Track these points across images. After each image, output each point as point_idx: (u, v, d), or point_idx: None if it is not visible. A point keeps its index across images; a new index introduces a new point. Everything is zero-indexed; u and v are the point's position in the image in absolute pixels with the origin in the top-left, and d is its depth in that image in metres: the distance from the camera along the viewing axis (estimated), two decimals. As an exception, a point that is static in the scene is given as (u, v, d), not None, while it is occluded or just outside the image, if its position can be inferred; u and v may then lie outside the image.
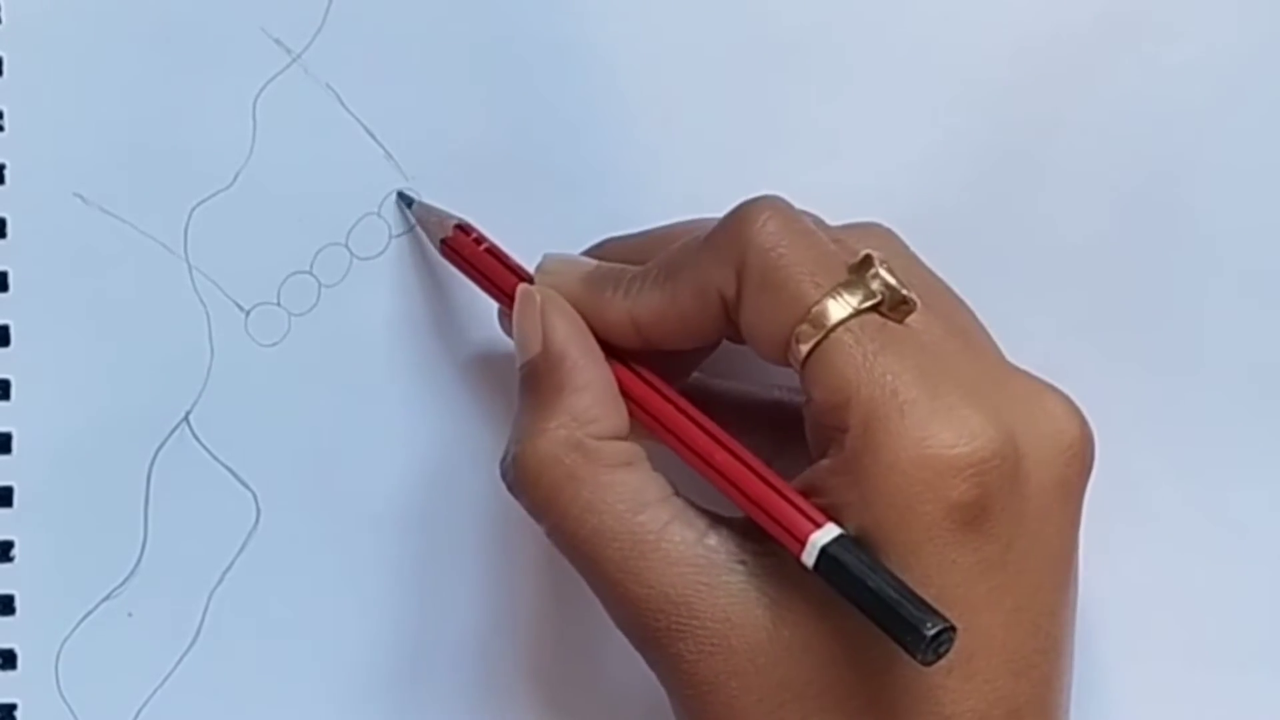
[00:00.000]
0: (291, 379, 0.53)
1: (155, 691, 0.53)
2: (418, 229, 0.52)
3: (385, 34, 0.53)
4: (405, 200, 0.52)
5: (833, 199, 0.52)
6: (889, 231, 0.49)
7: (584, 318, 0.48)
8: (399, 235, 0.53)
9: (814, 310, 0.45)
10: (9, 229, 0.52)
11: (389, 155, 0.53)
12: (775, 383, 0.51)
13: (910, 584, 0.43)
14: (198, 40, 0.53)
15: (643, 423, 0.47)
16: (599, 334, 0.48)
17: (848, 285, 0.45)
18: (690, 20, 0.53)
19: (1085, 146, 0.54)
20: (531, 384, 0.48)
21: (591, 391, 0.47)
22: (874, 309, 0.45)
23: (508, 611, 0.53)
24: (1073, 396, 0.46)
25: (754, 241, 0.46)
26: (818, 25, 0.53)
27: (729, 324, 0.47)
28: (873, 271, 0.45)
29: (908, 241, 0.49)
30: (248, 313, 0.53)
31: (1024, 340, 0.50)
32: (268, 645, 0.53)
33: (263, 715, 0.53)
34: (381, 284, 0.53)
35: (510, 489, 0.47)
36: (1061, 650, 0.46)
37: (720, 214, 0.47)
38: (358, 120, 0.53)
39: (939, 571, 0.44)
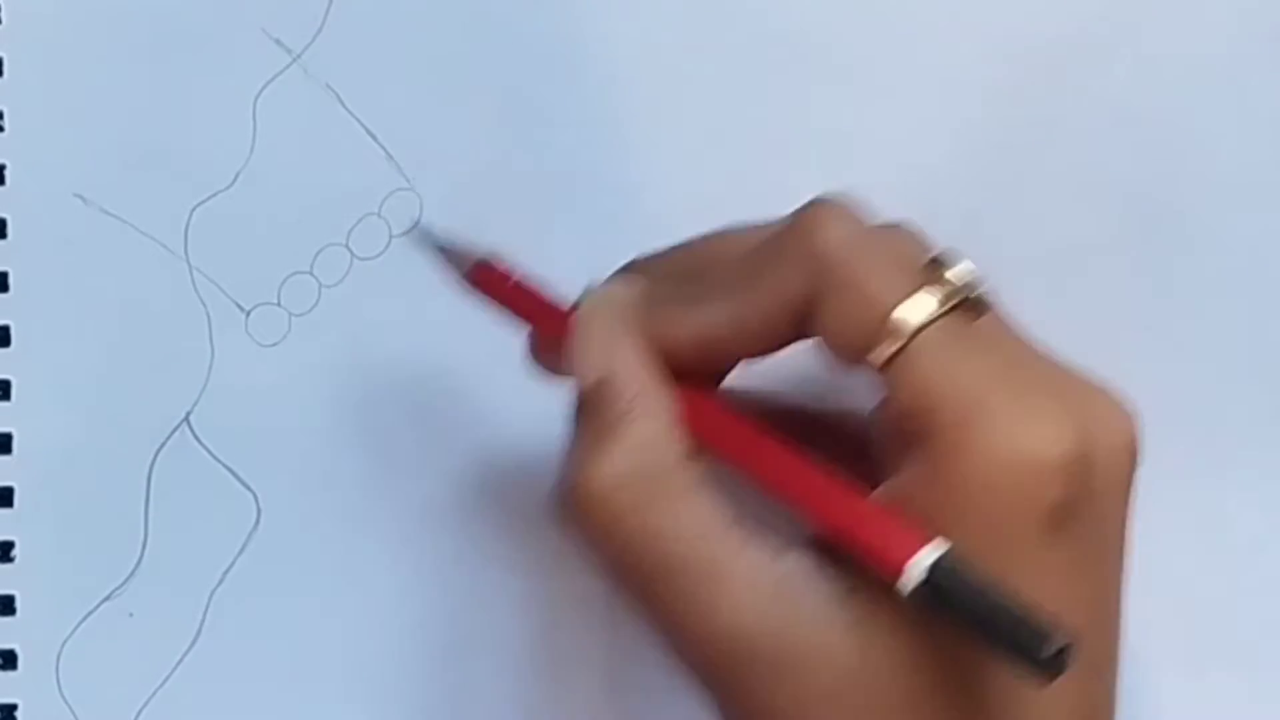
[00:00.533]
0: (292, 379, 0.53)
1: (156, 692, 0.53)
2: (443, 262, 0.50)
3: (385, 34, 0.53)
4: (425, 233, 0.51)
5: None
6: (919, 233, 0.48)
7: (645, 340, 0.46)
8: (399, 235, 0.53)
9: (895, 314, 0.44)
10: (9, 229, 0.52)
11: (389, 155, 0.53)
12: (785, 390, 0.51)
13: (1016, 594, 0.41)
14: (198, 40, 0.53)
15: (711, 447, 0.45)
16: (663, 356, 0.46)
17: (930, 286, 0.44)
18: (691, 21, 0.53)
19: (1085, 147, 0.54)
20: (591, 410, 0.46)
21: (657, 418, 0.45)
22: (955, 309, 0.44)
23: (508, 611, 0.54)
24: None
25: (830, 242, 0.44)
26: (819, 27, 0.53)
27: (798, 331, 0.45)
28: (947, 270, 0.44)
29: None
30: (248, 313, 0.53)
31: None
32: (268, 645, 0.53)
33: (263, 716, 0.53)
34: (382, 284, 0.53)
35: (564, 520, 0.45)
36: (1119, 650, 0.46)
37: (718, 216, 0.47)
38: (358, 120, 0.53)
39: (1034, 575, 0.43)
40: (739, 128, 0.53)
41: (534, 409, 0.52)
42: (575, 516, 0.45)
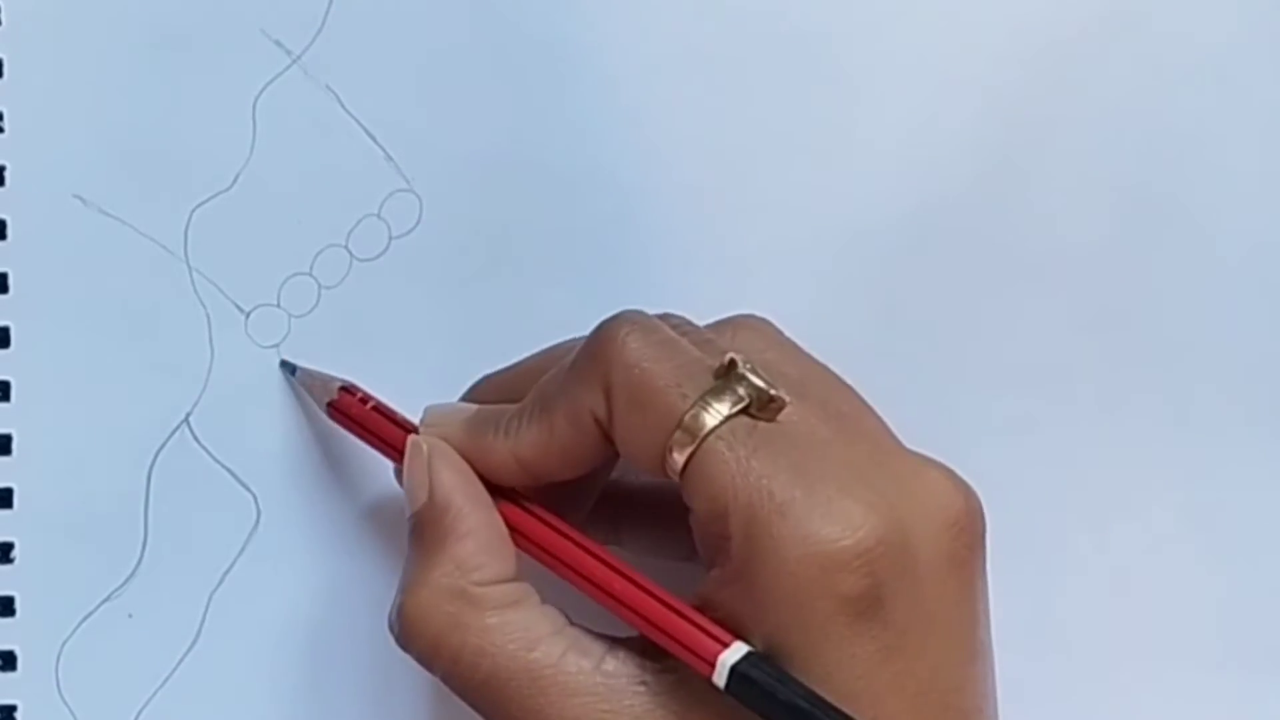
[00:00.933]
0: (292, 380, 0.53)
1: (155, 693, 0.53)
2: (302, 394, 0.52)
3: (385, 35, 0.53)
4: (288, 368, 0.52)
5: (833, 203, 0.53)
6: (762, 321, 0.49)
7: (471, 463, 0.48)
8: (399, 237, 0.53)
9: (685, 421, 0.45)
10: (9, 231, 0.52)
11: (389, 157, 0.53)
12: None
13: (813, 684, 0.43)
14: (197, 42, 0.53)
15: (536, 558, 0.47)
16: (487, 477, 0.48)
17: (715, 392, 0.45)
18: (690, 22, 0.53)
19: (1085, 147, 0.54)
20: (418, 534, 0.48)
21: (475, 538, 0.47)
22: (744, 412, 0.45)
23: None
24: (1070, 411, 0.46)
25: (617, 359, 0.46)
26: (819, 28, 0.53)
27: (609, 447, 0.47)
28: (738, 373, 0.45)
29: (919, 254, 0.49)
30: (248, 314, 0.53)
31: (1024, 341, 0.50)
32: (268, 647, 0.53)
33: (262, 717, 0.53)
34: (381, 286, 0.53)
35: (397, 640, 0.47)
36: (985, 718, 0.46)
37: (718, 216, 0.47)
38: (357, 122, 0.53)
39: (839, 667, 0.43)
40: (739, 128, 0.53)
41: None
42: (403, 638, 0.47)
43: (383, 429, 0.50)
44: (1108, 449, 0.47)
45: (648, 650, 0.46)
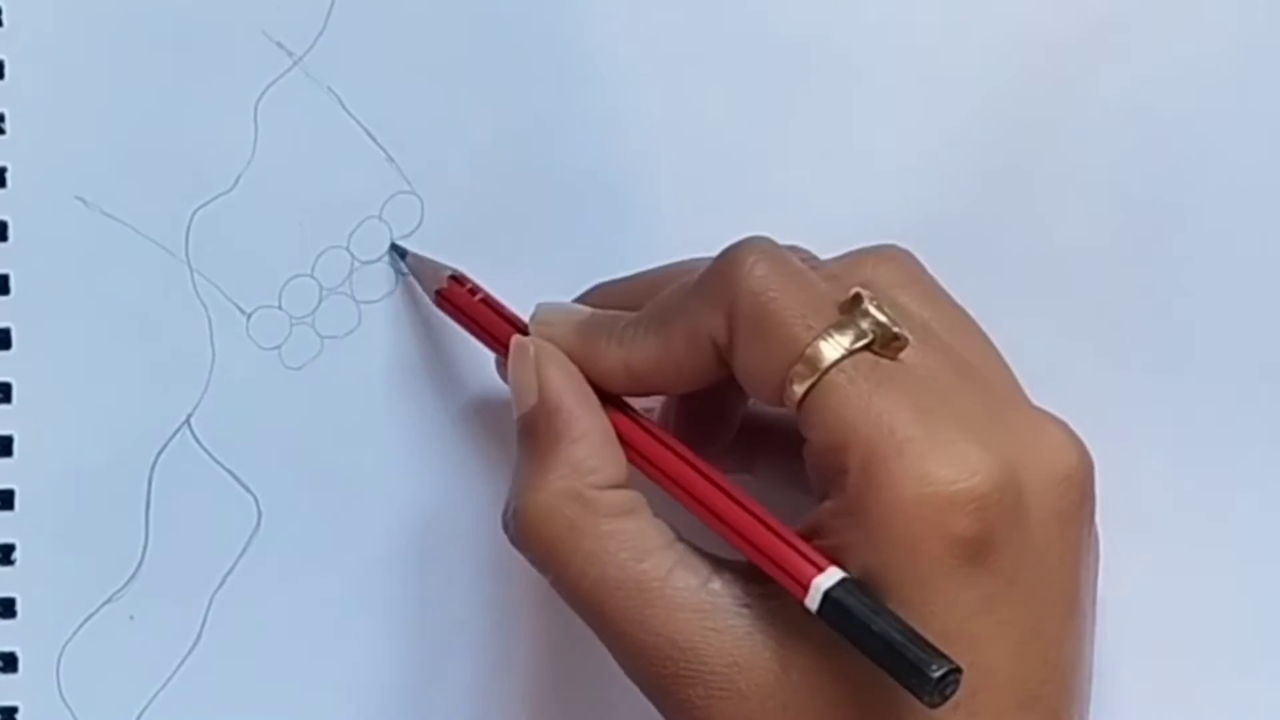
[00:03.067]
0: (293, 382, 0.53)
1: (156, 694, 0.53)
2: (411, 280, 0.52)
3: (387, 37, 0.53)
4: (399, 252, 0.52)
5: (833, 204, 0.52)
6: (905, 254, 0.49)
7: (580, 367, 0.48)
8: (401, 239, 0.53)
9: (807, 353, 0.45)
10: (10, 232, 0.52)
11: (390, 158, 0.53)
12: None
13: (914, 623, 0.42)
14: (199, 43, 0.52)
15: (642, 470, 0.47)
16: (595, 382, 0.48)
17: (839, 325, 0.45)
18: (692, 25, 0.53)
19: (1085, 150, 0.53)
20: (529, 436, 0.48)
21: (588, 441, 0.47)
22: (866, 348, 0.45)
23: (509, 615, 0.54)
24: (1071, 414, 0.46)
25: (743, 286, 0.45)
26: (819, 32, 0.53)
27: (724, 368, 0.46)
28: (863, 309, 0.45)
29: (919, 255, 0.49)
30: (249, 316, 0.53)
31: (1025, 343, 0.50)
32: (269, 648, 0.53)
33: (263, 718, 0.53)
34: (383, 287, 0.53)
35: (512, 542, 0.47)
36: (1071, 680, 0.46)
37: (719, 217, 0.47)
38: (359, 123, 0.53)
39: (944, 608, 0.43)
40: (739, 129, 0.53)
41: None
42: (519, 540, 0.47)
43: (490, 322, 0.50)
44: (1109, 451, 0.47)
45: (753, 575, 0.45)
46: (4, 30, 0.52)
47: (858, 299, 0.45)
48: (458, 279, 0.51)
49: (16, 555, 0.53)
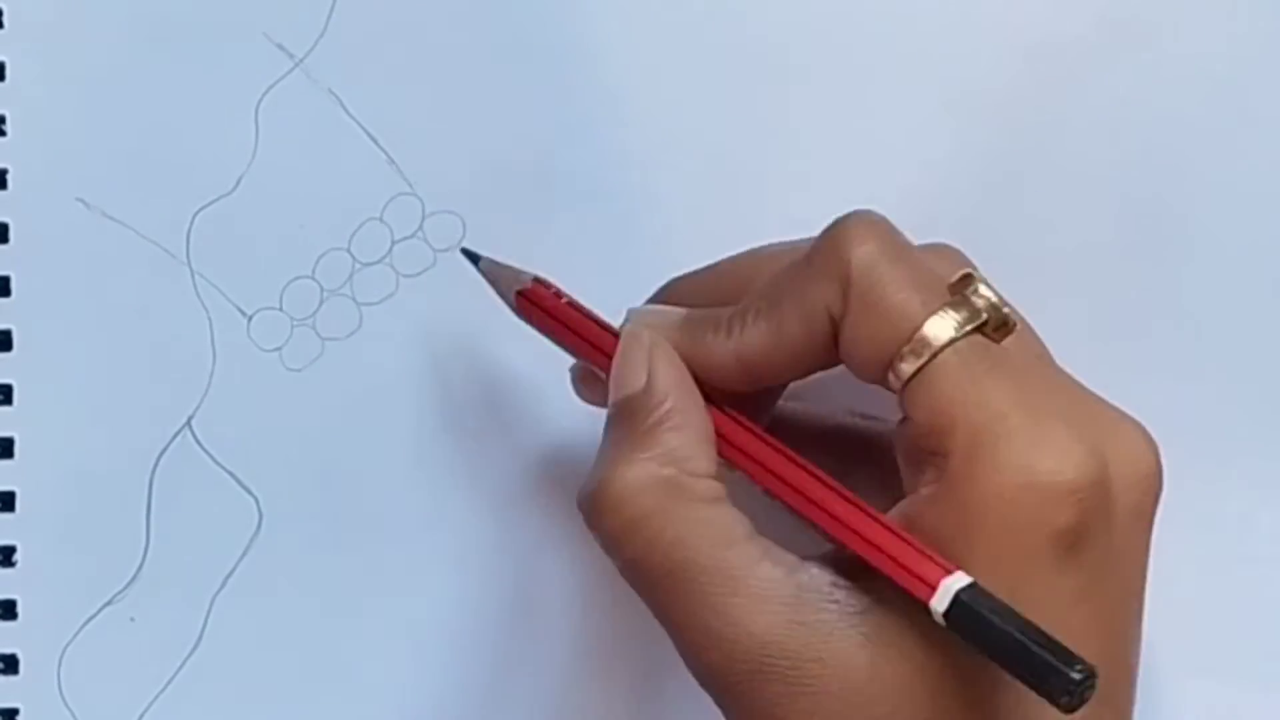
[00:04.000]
0: (294, 384, 0.53)
1: (157, 697, 0.53)
2: (487, 287, 0.51)
3: (387, 39, 0.53)
4: (471, 258, 0.51)
5: (834, 205, 0.52)
6: (959, 252, 0.48)
7: (686, 362, 0.47)
8: (401, 240, 0.53)
9: (921, 330, 0.44)
10: (11, 234, 0.52)
11: (391, 160, 0.53)
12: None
13: (1037, 625, 0.42)
14: (200, 45, 0.53)
15: (742, 468, 0.46)
16: (703, 378, 0.47)
17: (955, 305, 0.44)
18: (693, 26, 0.53)
19: (1086, 151, 0.53)
20: (626, 417, 0.47)
21: (688, 431, 0.46)
22: (978, 329, 0.44)
23: (509, 615, 0.53)
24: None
25: (857, 258, 0.45)
26: (819, 32, 0.53)
27: (835, 349, 0.46)
28: (974, 290, 0.45)
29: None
30: (250, 317, 0.53)
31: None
32: (269, 650, 0.53)
33: (264, 720, 0.53)
34: (384, 289, 0.53)
35: (589, 516, 0.46)
36: (1133, 681, 0.46)
37: (719, 218, 0.47)
38: (360, 125, 0.53)
39: (1043, 599, 0.43)
40: (740, 129, 0.53)
41: (535, 412, 0.52)
42: (602, 515, 0.46)
43: (579, 325, 0.49)
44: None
45: (840, 569, 0.45)
46: (4, 31, 0.52)
47: (968, 279, 0.45)
48: (542, 282, 0.50)
49: (17, 557, 0.53)
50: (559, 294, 0.50)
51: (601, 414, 0.48)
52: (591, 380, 0.49)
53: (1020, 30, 0.53)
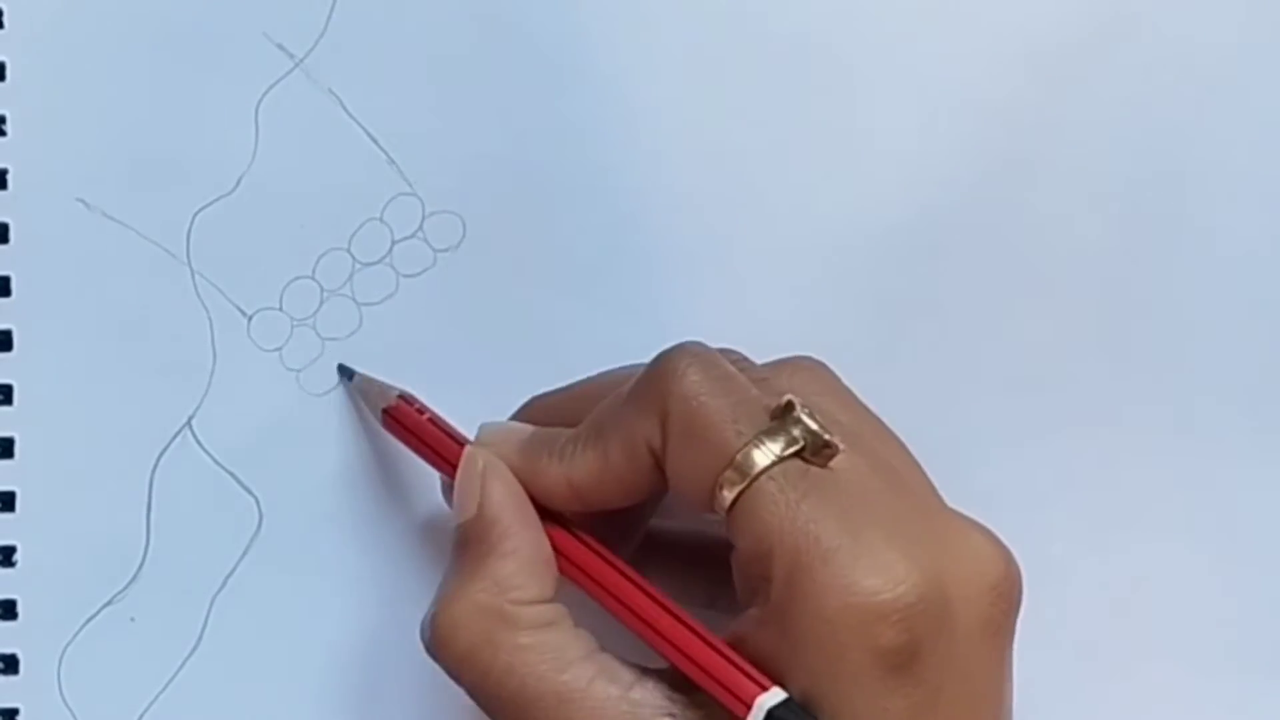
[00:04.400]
0: (294, 384, 0.53)
1: (157, 697, 0.53)
2: (358, 400, 0.52)
3: (387, 39, 0.53)
4: (346, 374, 0.53)
5: (835, 205, 0.52)
6: (818, 364, 0.49)
7: (523, 484, 0.48)
8: (401, 240, 0.53)
9: (738, 458, 0.45)
10: (11, 234, 0.52)
11: (391, 160, 0.53)
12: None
13: None
14: (200, 45, 0.53)
15: (579, 583, 0.47)
16: (538, 499, 0.48)
17: (770, 432, 0.45)
18: (692, 26, 0.53)
19: (1085, 150, 0.53)
20: (462, 547, 0.48)
21: (518, 557, 0.47)
22: (797, 455, 0.45)
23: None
24: (1070, 414, 0.46)
25: (675, 391, 0.45)
26: (819, 32, 0.53)
27: (662, 477, 0.46)
28: (794, 416, 0.45)
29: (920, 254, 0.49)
30: (250, 318, 0.53)
31: (1026, 346, 0.50)
32: (270, 651, 0.53)
33: (264, 721, 0.53)
34: (384, 289, 0.53)
35: (427, 649, 0.47)
36: None
37: (720, 219, 0.47)
38: (360, 125, 0.53)
39: (873, 717, 0.43)
40: (742, 129, 0.53)
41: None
42: (434, 648, 0.47)
43: (437, 441, 0.50)
44: (1110, 454, 0.47)
45: (676, 683, 0.46)
46: (4, 32, 0.52)
47: (790, 406, 0.45)
48: (406, 399, 0.51)
49: (18, 557, 0.53)
50: (421, 410, 0.51)
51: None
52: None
53: (1020, 30, 0.53)
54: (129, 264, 0.53)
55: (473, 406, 0.52)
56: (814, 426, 0.45)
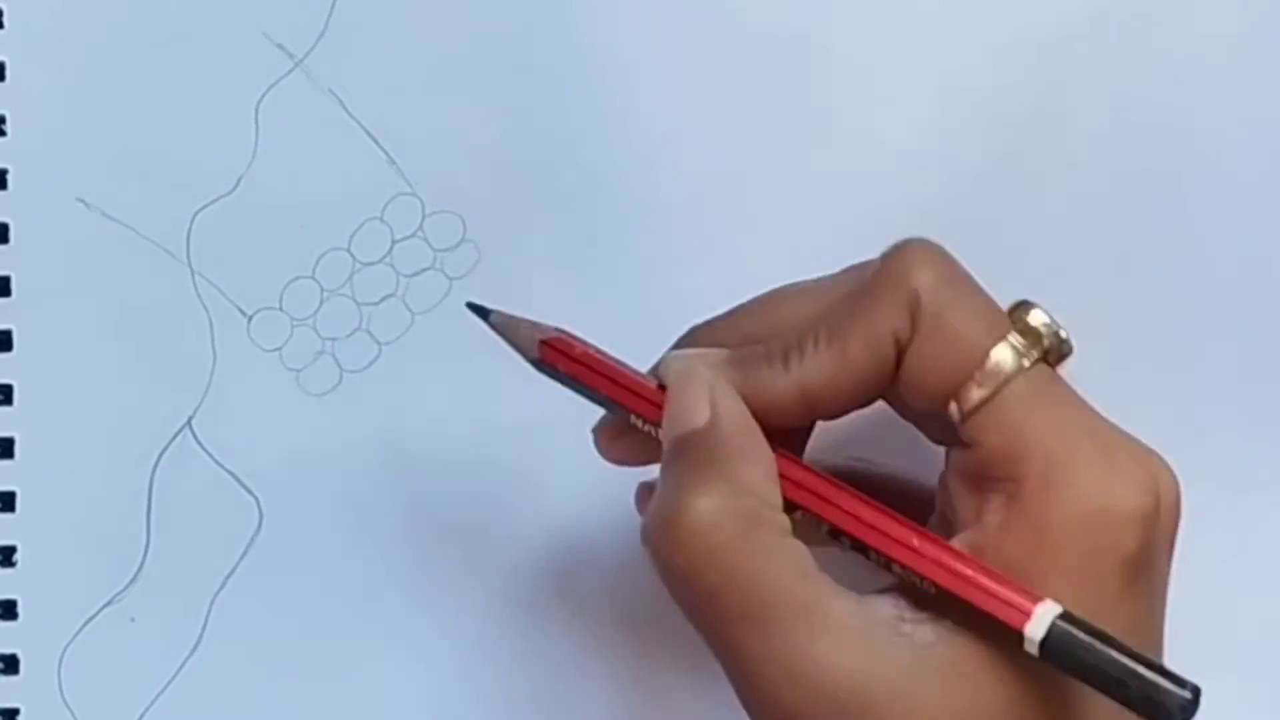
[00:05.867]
0: (294, 383, 0.53)
1: (157, 697, 0.53)
2: (501, 341, 0.49)
3: (387, 39, 0.53)
4: (480, 312, 0.49)
5: (834, 203, 0.52)
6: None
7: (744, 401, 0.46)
8: (401, 240, 0.53)
9: (992, 356, 0.44)
10: (11, 234, 0.52)
11: (391, 160, 0.53)
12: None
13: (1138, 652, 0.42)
14: (200, 45, 0.53)
15: (814, 509, 0.45)
16: (760, 415, 0.46)
17: (1024, 334, 0.44)
18: (692, 25, 0.53)
19: (1085, 149, 0.53)
20: (693, 451, 0.45)
21: (760, 464, 0.45)
22: (1043, 358, 0.45)
23: (509, 618, 0.53)
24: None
25: (925, 281, 0.44)
26: (818, 30, 0.53)
27: (896, 376, 0.45)
28: (1040, 319, 0.45)
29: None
30: (250, 317, 0.53)
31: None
32: (270, 651, 0.53)
33: (264, 720, 0.53)
34: (384, 289, 0.53)
35: (659, 548, 0.44)
36: None
37: (722, 219, 0.47)
38: (360, 125, 0.53)
39: (1114, 626, 0.43)
40: (743, 130, 0.53)
41: (535, 414, 0.52)
42: (675, 546, 0.44)
43: (611, 370, 0.47)
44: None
45: (899, 601, 0.44)
46: (4, 31, 0.52)
47: (1025, 305, 0.45)
48: (565, 334, 0.48)
49: (18, 557, 0.53)
50: (583, 343, 0.48)
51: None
52: (620, 436, 0.48)
53: (1021, 30, 0.53)
54: (129, 264, 0.53)
55: (474, 405, 0.52)
56: (1057, 329, 0.45)
